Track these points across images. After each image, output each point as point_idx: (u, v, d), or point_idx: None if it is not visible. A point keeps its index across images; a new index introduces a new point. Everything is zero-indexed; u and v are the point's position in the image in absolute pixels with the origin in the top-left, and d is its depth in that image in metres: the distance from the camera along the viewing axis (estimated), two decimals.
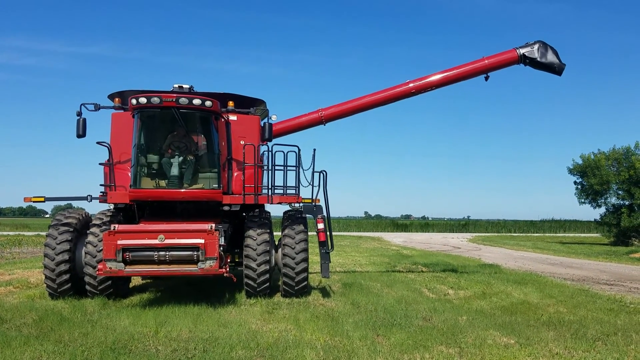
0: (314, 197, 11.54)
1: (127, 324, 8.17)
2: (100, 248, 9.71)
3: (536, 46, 14.17)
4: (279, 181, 11.37)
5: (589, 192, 38.95)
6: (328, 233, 11.38)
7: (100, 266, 9.26)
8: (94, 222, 10.63)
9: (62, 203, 14.37)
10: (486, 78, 14.39)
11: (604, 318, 9.24)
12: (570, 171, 40.42)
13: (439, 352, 6.86)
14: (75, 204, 13.75)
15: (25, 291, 11.60)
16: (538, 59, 14.10)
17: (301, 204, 11.60)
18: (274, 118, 11.65)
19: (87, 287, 10.24)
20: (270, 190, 11.34)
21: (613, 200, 38.97)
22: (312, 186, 11.52)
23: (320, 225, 11.20)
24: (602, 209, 39.91)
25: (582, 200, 39.83)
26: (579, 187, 40.09)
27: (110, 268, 9.12)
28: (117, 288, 10.47)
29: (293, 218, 11.30)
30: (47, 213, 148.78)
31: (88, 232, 10.41)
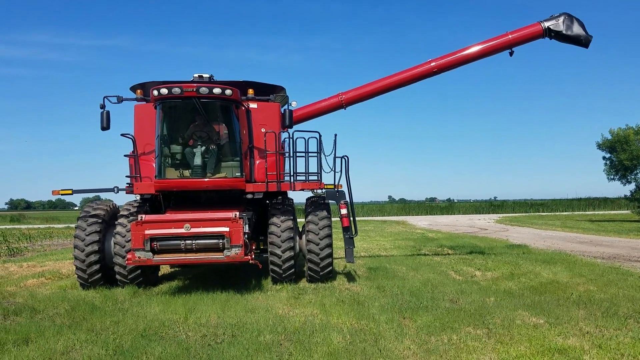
0: (336, 183, 11.52)
1: (157, 312, 8.34)
2: (129, 238, 9.89)
3: (561, 19, 13.68)
4: (300, 168, 11.43)
5: (619, 168, 37.98)
6: (351, 218, 11.36)
7: (129, 256, 9.44)
8: (121, 213, 10.81)
9: (90, 195, 14.66)
10: (511, 53, 13.97)
11: (636, 295, 9.06)
12: (599, 146, 39.41)
13: (466, 334, 6.82)
14: (102, 195, 14.05)
15: (57, 282, 11.90)
16: (564, 32, 13.63)
17: (324, 190, 11.59)
18: (294, 104, 11.59)
19: (117, 277, 10.47)
20: (292, 177, 11.36)
21: None
22: (334, 172, 11.52)
23: (344, 211, 11.17)
24: (632, 185, 38.98)
25: (611, 177, 38.90)
26: (608, 162, 39.12)
27: (139, 257, 9.30)
28: (147, 277, 10.67)
29: (316, 204, 11.31)
30: (75, 205, 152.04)
31: (116, 222, 10.61)
